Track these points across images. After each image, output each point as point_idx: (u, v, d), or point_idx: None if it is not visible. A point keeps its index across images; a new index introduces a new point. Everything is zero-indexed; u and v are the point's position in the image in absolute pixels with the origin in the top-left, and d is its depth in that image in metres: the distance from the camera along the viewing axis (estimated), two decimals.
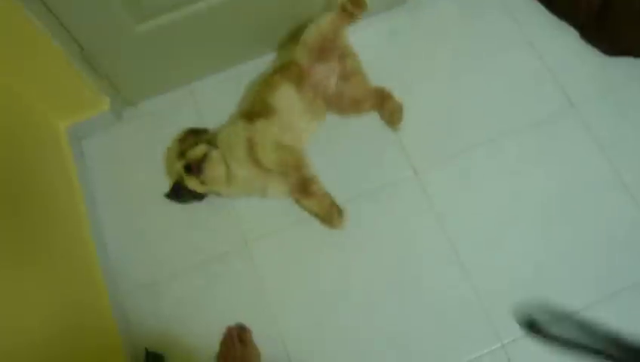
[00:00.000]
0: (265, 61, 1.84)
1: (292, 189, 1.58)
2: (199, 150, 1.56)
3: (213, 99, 1.82)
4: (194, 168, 1.54)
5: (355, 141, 1.71)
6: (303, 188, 1.56)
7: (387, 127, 1.71)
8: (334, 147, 1.68)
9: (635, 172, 1.60)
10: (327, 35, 1.60)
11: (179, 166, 1.59)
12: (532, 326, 1.46)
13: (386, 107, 1.68)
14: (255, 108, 1.60)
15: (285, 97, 1.60)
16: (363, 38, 1.80)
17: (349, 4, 1.59)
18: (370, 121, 1.73)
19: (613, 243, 1.53)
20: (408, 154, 1.68)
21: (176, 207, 1.67)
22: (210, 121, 1.77)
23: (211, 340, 1.53)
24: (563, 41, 1.79)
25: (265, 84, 1.65)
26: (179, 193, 1.61)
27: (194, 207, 1.67)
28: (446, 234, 1.58)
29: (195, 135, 1.67)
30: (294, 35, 1.68)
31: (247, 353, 1.44)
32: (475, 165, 1.65)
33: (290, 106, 1.60)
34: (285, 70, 1.64)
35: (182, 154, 1.60)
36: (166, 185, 1.69)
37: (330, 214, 1.57)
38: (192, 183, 1.57)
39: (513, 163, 1.65)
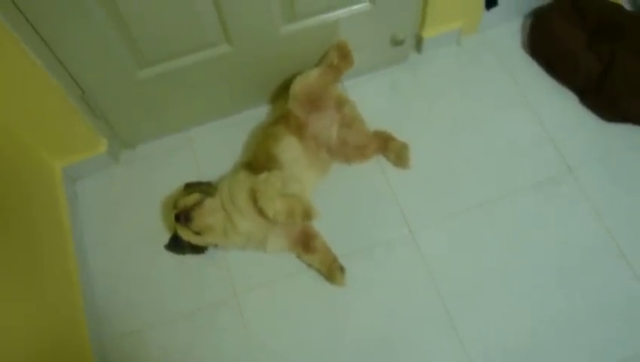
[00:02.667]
0: (264, 110, 1.85)
1: (293, 244, 1.57)
2: (190, 199, 1.55)
3: (210, 146, 1.82)
4: (182, 217, 1.51)
5: (351, 197, 1.70)
6: (305, 243, 1.55)
7: (394, 168, 1.72)
8: (330, 202, 1.66)
9: (632, 240, 1.58)
10: (314, 87, 1.63)
11: (171, 217, 1.57)
12: None
13: (390, 148, 1.69)
14: (258, 160, 1.60)
15: (289, 149, 1.60)
16: (364, 92, 1.82)
17: (336, 59, 1.64)
18: (367, 176, 1.72)
19: (609, 314, 1.50)
20: (404, 211, 1.66)
21: (166, 254, 1.64)
22: (207, 167, 1.77)
23: None
24: (562, 104, 1.80)
25: (267, 135, 1.65)
26: (177, 245, 1.59)
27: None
28: (440, 296, 1.55)
29: (194, 186, 1.65)
30: (286, 87, 1.69)
31: None
32: (471, 226, 1.63)
33: (295, 158, 1.59)
34: (285, 120, 1.64)
35: (175, 206, 1.59)
36: (159, 229, 1.68)
37: (332, 271, 1.54)
38: (184, 234, 1.54)
39: (510, 226, 1.63)
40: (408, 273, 1.58)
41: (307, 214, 1.47)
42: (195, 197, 1.55)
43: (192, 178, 1.71)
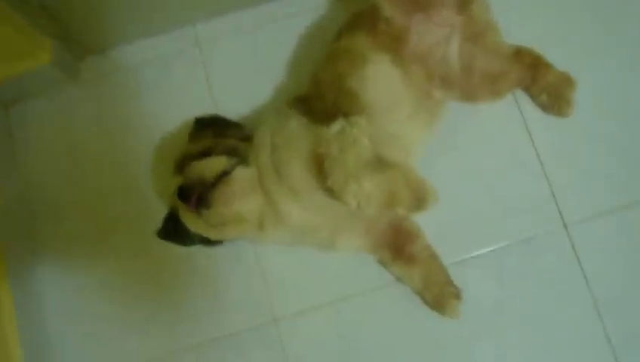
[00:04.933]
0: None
1: (377, 245, 0.95)
2: (212, 164, 0.87)
3: (231, 56, 1.10)
4: (193, 198, 0.84)
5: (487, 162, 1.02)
6: (399, 246, 0.94)
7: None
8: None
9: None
10: None
11: (173, 186, 0.90)
12: None
13: (542, 81, 0.99)
14: (323, 96, 0.90)
15: (379, 79, 0.90)
16: None
17: None
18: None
19: None
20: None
21: (157, 246, 0.99)
22: (226, 90, 1.07)
23: None
24: None
25: (338, 52, 0.94)
26: (178, 232, 0.92)
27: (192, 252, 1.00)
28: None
29: (212, 128, 0.97)
30: None
31: None
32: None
33: (390, 96, 0.90)
34: (370, 27, 0.92)
35: (181, 165, 0.90)
36: (144, 202, 1.01)
37: (443, 296, 0.93)
38: (192, 222, 0.88)
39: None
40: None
41: (419, 200, 0.80)
42: (218, 163, 0.87)
43: (202, 110, 1.04)
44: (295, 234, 0.92)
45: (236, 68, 1.08)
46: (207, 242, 0.94)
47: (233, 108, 1.05)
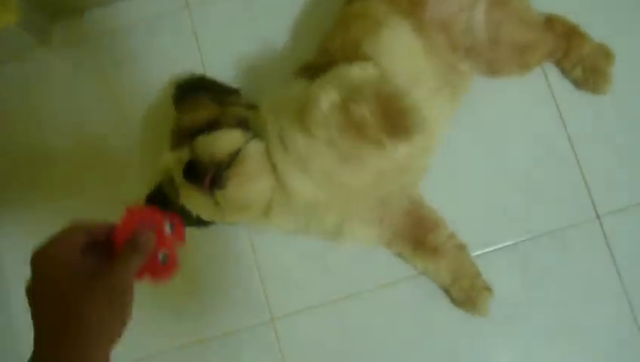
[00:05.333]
0: None
1: (396, 236, 0.84)
2: (226, 140, 0.75)
3: (224, 20, 0.97)
4: (208, 178, 0.73)
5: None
6: (420, 236, 0.84)
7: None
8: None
9: None
10: None
11: (168, 161, 0.77)
12: None
13: (576, 54, 0.88)
14: (335, 61, 0.77)
15: (398, 46, 0.78)
16: None
17: None
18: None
19: None
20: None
21: None
22: (220, 56, 0.95)
23: None
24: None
25: (351, 16, 0.82)
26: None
27: None
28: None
29: (216, 97, 0.85)
30: None
31: None
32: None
33: (411, 66, 0.79)
34: None
35: (180, 137, 0.78)
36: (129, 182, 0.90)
37: (473, 290, 0.83)
38: (192, 201, 0.76)
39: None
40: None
41: (395, 126, 0.68)
42: (233, 138, 0.76)
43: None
44: (301, 218, 0.80)
45: (229, 33, 0.96)
46: (198, 223, 0.82)
47: (227, 78, 0.93)
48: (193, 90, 0.87)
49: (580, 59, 0.88)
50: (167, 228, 0.60)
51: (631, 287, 0.86)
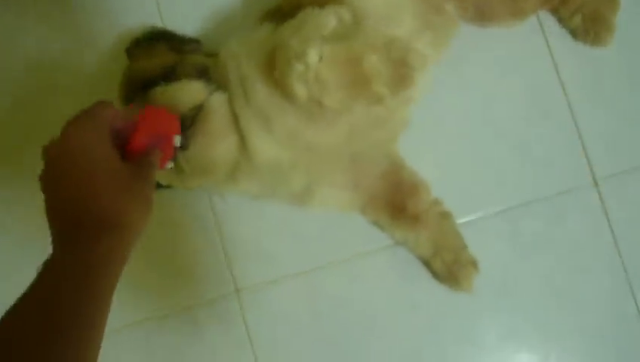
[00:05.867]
0: None
1: (373, 203, 0.75)
2: (187, 92, 0.66)
3: None
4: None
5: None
6: (399, 202, 0.75)
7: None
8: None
9: None
10: None
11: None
12: None
13: (571, 3, 0.79)
14: (304, 6, 0.67)
15: None
16: None
17: None
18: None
19: None
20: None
21: None
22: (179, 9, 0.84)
23: None
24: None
25: None
26: None
27: None
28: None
29: (173, 45, 0.75)
30: None
31: None
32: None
33: (390, 5, 0.69)
34: None
35: (131, 90, 0.70)
36: None
37: (457, 264, 0.74)
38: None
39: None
40: None
41: (401, 76, 0.61)
42: (194, 91, 0.67)
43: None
44: (266, 180, 0.72)
45: None
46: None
47: (188, 29, 0.83)
48: (149, 41, 0.78)
49: (580, 7, 0.80)
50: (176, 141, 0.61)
51: (628, 258, 0.79)
